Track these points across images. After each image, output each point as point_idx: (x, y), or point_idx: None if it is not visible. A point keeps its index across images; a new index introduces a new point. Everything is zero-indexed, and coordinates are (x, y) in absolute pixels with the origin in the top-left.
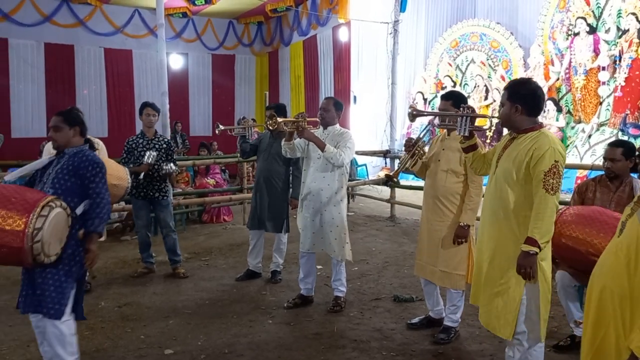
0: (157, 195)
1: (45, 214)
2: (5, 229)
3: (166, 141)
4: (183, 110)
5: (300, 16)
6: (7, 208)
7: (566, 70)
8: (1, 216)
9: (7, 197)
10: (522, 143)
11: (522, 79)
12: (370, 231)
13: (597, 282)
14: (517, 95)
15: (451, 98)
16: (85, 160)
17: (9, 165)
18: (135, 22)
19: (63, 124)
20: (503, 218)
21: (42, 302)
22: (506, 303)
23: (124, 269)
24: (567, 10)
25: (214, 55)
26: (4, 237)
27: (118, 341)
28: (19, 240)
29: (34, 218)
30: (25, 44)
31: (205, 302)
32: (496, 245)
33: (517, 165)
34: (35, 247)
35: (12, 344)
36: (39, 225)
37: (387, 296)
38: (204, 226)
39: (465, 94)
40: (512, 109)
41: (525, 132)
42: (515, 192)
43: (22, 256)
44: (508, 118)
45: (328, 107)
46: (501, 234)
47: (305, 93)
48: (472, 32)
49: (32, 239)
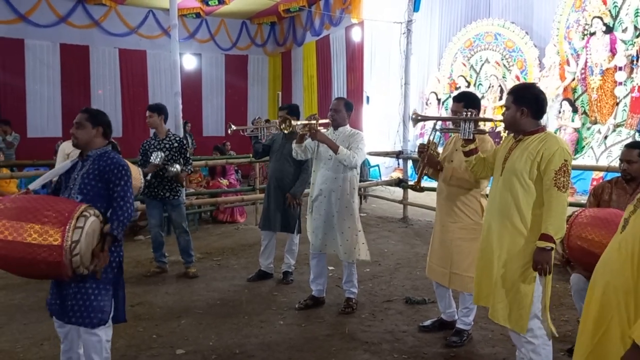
0: (168, 195)
1: (81, 225)
2: (42, 244)
3: (178, 140)
4: (196, 110)
5: (313, 16)
6: (41, 222)
7: (582, 70)
8: (36, 231)
9: (40, 210)
10: (529, 144)
11: (525, 83)
12: (383, 232)
13: (601, 279)
14: (522, 99)
15: (463, 99)
16: (111, 164)
17: (24, 164)
18: (149, 22)
19: (86, 121)
20: (513, 217)
21: (83, 313)
22: (519, 299)
23: (137, 269)
24: (583, 9)
25: (227, 56)
26: (42, 253)
27: (130, 340)
28: (57, 255)
29: (70, 231)
30: (41, 44)
31: (217, 302)
32: (506, 244)
33: (527, 165)
34: (74, 261)
35: (26, 342)
36: (77, 238)
37: (399, 298)
38: (217, 226)
39: (479, 94)
40: (517, 112)
41: (531, 134)
42: (526, 191)
43: (62, 270)
44: (514, 121)
45: (339, 107)
46: (511, 232)
47: (317, 93)
48: (487, 32)
49: (70, 253)
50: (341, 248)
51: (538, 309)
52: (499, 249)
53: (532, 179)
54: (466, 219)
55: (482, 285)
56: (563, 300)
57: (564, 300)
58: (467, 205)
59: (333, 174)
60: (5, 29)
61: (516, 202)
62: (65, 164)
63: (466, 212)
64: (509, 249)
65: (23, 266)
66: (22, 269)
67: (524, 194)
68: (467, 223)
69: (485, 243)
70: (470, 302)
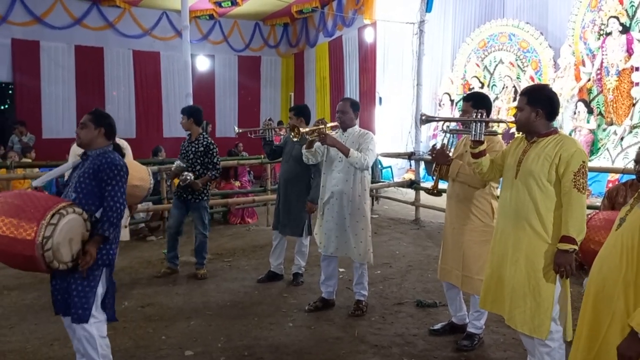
0: (190, 198)
1: (55, 222)
2: (17, 238)
3: (204, 144)
4: (209, 111)
5: (325, 17)
6: (19, 217)
7: (598, 70)
8: (13, 225)
9: (21, 207)
10: (545, 146)
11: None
12: (394, 234)
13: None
14: (537, 100)
15: (471, 99)
16: (105, 163)
17: (39, 165)
18: (163, 24)
19: (90, 122)
20: (532, 220)
21: (68, 307)
22: (539, 303)
23: (148, 269)
24: (599, 9)
25: (240, 57)
26: (17, 246)
27: (140, 341)
28: (29, 249)
29: (43, 227)
30: (57, 46)
31: (227, 303)
32: (524, 247)
33: (545, 168)
34: (47, 255)
35: (37, 342)
36: (48, 234)
37: (409, 301)
38: (228, 227)
39: (493, 95)
40: (532, 114)
41: (545, 136)
42: (545, 193)
43: (36, 264)
44: (528, 122)
45: (345, 109)
46: (530, 236)
47: (330, 94)
48: (501, 32)
49: (42, 248)
50: (355, 250)
51: (556, 312)
52: (515, 253)
53: (551, 181)
54: (477, 221)
55: (490, 290)
56: (577, 305)
57: (578, 304)
58: (477, 207)
59: (344, 176)
60: (21, 31)
61: (535, 205)
62: (68, 163)
63: (477, 214)
64: (527, 252)
65: (7, 258)
66: (8, 261)
67: (542, 196)
68: (478, 225)
69: (499, 247)
70: None
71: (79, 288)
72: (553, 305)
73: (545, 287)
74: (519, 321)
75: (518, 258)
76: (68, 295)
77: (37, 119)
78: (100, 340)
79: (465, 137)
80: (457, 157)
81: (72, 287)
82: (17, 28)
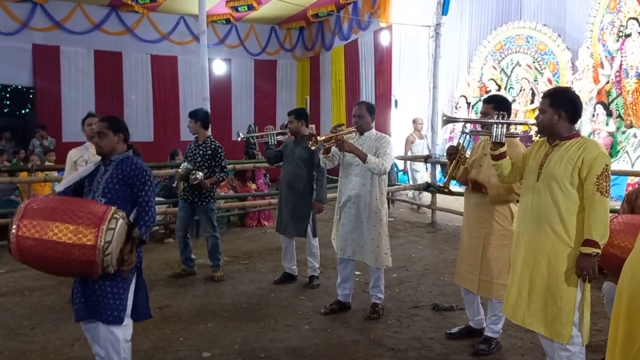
0: (197, 200)
1: (113, 226)
2: (76, 243)
3: (212, 147)
4: (226, 114)
5: (341, 21)
6: (75, 222)
7: (616, 73)
8: (70, 231)
9: (74, 212)
10: (567, 149)
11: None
12: (411, 237)
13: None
14: (559, 103)
15: (493, 101)
16: (135, 169)
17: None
18: (180, 29)
19: (108, 129)
20: (554, 223)
21: (101, 309)
22: (561, 307)
23: (166, 271)
24: (618, 10)
25: (256, 61)
26: (75, 252)
27: (158, 343)
28: (90, 254)
29: (103, 231)
30: (76, 51)
31: (243, 305)
32: (547, 251)
33: (568, 171)
34: (105, 260)
35: (57, 343)
36: (109, 239)
37: (426, 304)
38: (245, 230)
39: (510, 98)
40: (555, 116)
41: (567, 138)
42: (567, 197)
43: (94, 269)
44: (550, 125)
45: (362, 113)
46: (552, 239)
47: (346, 97)
48: (518, 35)
49: (103, 252)
50: (372, 254)
51: (576, 316)
52: (537, 257)
53: (574, 184)
54: (495, 225)
55: (512, 295)
56: (596, 309)
57: (597, 309)
58: (497, 211)
59: (361, 180)
60: (42, 36)
61: (557, 208)
62: (89, 167)
63: (496, 218)
64: (549, 256)
65: (56, 264)
66: (54, 267)
67: (565, 199)
68: (497, 229)
69: (521, 251)
70: (499, 310)
71: (114, 290)
72: (574, 309)
73: (566, 292)
74: (541, 325)
75: (540, 262)
76: (101, 298)
77: (57, 123)
78: (124, 344)
79: (484, 141)
80: (476, 161)
81: (107, 289)
82: (37, 33)
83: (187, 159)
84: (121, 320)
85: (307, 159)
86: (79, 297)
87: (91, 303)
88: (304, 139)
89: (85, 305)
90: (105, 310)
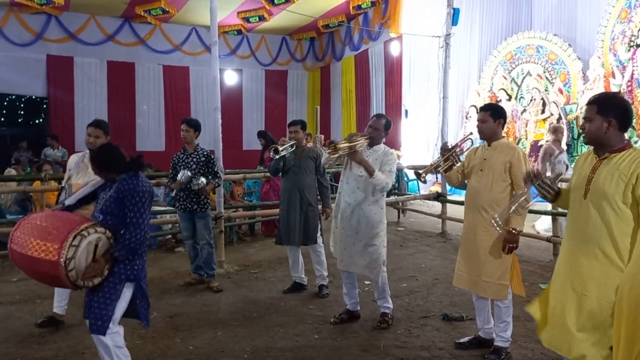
0: (196, 208)
1: (76, 243)
2: (44, 259)
3: (205, 154)
4: (237, 124)
5: (352, 31)
6: (45, 239)
7: (628, 82)
8: (41, 247)
9: (48, 229)
10: (619, 164)
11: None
12: (421, 247)
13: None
14: (609, 109)
15: (489, 109)
16: (128, 189)
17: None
18: (192, 39)
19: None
20: (605, 246)
21: (89, 317)
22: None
23: (177, 280)
24: (629, 20)
25: (267, 71)
26: (44, 266)
27: (167, 351)
28: (54, 270)
29: (65, 249)
30: (90, 62)
31: (253, 314)
32: (596, 276)
33: (620, 188)
34: (70, 275)
35: (69, 351)
36: (71, 255)
37: (436, 314)
38: (255, 239)
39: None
40: (604, 124)
41: (618, 151)
42: (620, 217)
43: (63, 283)
44: (600, 134)
45: (379, 126)
46: (603, 263)
47: (356, 107)
48: (528, 45)
49: (66, 268)
50: (367, 267)
51: None
52: (586, 282)
53: (627, 203)
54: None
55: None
56: None
57: None
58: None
59: (363, 193)
60: (56, 47)
61: (608, 230)
62: (96, 182)
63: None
64: (599, 282)
65: (37, 276)
66: (38, 278)
67: (617, 220)
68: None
69: (566, 272)
70: (507, 315)
71: (100, 300)
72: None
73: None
74: (589, 355)
75: (589, 288)
76: (89, 305)
77: (71, 133)
78: (117, 350)
79: (481, 147)
80: (474, 166)
81: (94, 298)
82: (52, 44)
83: (181, 168)
84: (104, 330)
85: (313, 167)
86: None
87: (88, 309)
88: (306, 149)
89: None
90: (91, 318)
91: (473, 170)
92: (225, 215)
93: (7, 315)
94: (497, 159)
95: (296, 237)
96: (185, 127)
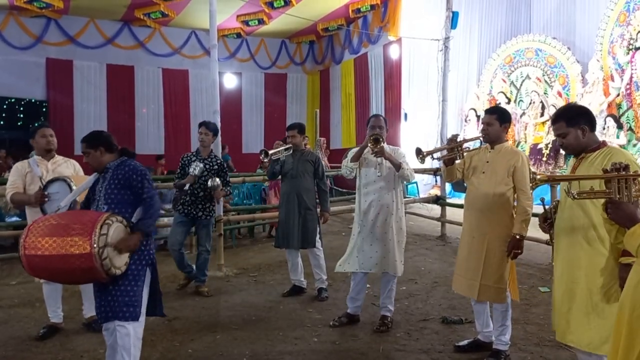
0: (200, 215)
1: (105, 232)
2: (74, 253)
3: (218, 162)
4: (236, 127)
5: (351, 35)
6: (70, 235)
7: (627, 85)
8: (68, 243)
9: (69, 225)
10: (593, 162)
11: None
12: (420, 250)
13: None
14: (576, 118)
15: (495, 112)
16: (129, 171)
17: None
18: (191, 43)
19: (88, 149)
20: (588, 235)
21: (116, 308)
22: (606, 320)
23: (175, 284)
24: (628, 23)
25: (266, 74)
26: (76, 261)
27: (167, 354)
28: (88, 261)
29: (95, 238)
30: (89, 65)
31: (252, 317)
32: (584, 265)
33: (595, 181)
34: (105, 264)
35: (67, 354)
36: (102, 244)
37: (435, 317)
38: (254, 242)
39: (520, 111)
40: (578, 132)
41: (592, 150)
42: (598, 207)
43: (96, 274)
44: (578, 142)
45: (382, 124)
46: (587, 251)
47: (356, 111)
48: (527, 48)
49: (100, 258)
50: (394, 264)
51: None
52: (575, 272)
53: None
54: (499, 230)
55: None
56: None
57: None
58: (500, 217)
59: (386, 191)
60: (56, 50)
61: (589, 219)
62: (89, 180)
63: (498, 223)
64: (587, 271)
65: (64, 275)
66: (65, 278)
67: (596, 210)
68: (500, 234)
69: (558, 268)
70: (505, 319)
71: (127, 288)
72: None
73: (608, 308)
74: (585, 341)
75: (578, 277)
76: (116, 297)
77: (70, 136)
78: (135, 341)
79: (484, 149)
80: (476, 167)
81: (121, 287)
82: (51, 48)
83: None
84: (137, 315)
85: (311, 171)
86: (99, 301)
87: (107, 304)
88: (305, 153)
89: (104, 307)
90: (121, 307)
91: (474, 172)
92: (224, 218)
93: (6, 319)
94: (501, 163)
95: (295, 240)
96: (205, 131)
